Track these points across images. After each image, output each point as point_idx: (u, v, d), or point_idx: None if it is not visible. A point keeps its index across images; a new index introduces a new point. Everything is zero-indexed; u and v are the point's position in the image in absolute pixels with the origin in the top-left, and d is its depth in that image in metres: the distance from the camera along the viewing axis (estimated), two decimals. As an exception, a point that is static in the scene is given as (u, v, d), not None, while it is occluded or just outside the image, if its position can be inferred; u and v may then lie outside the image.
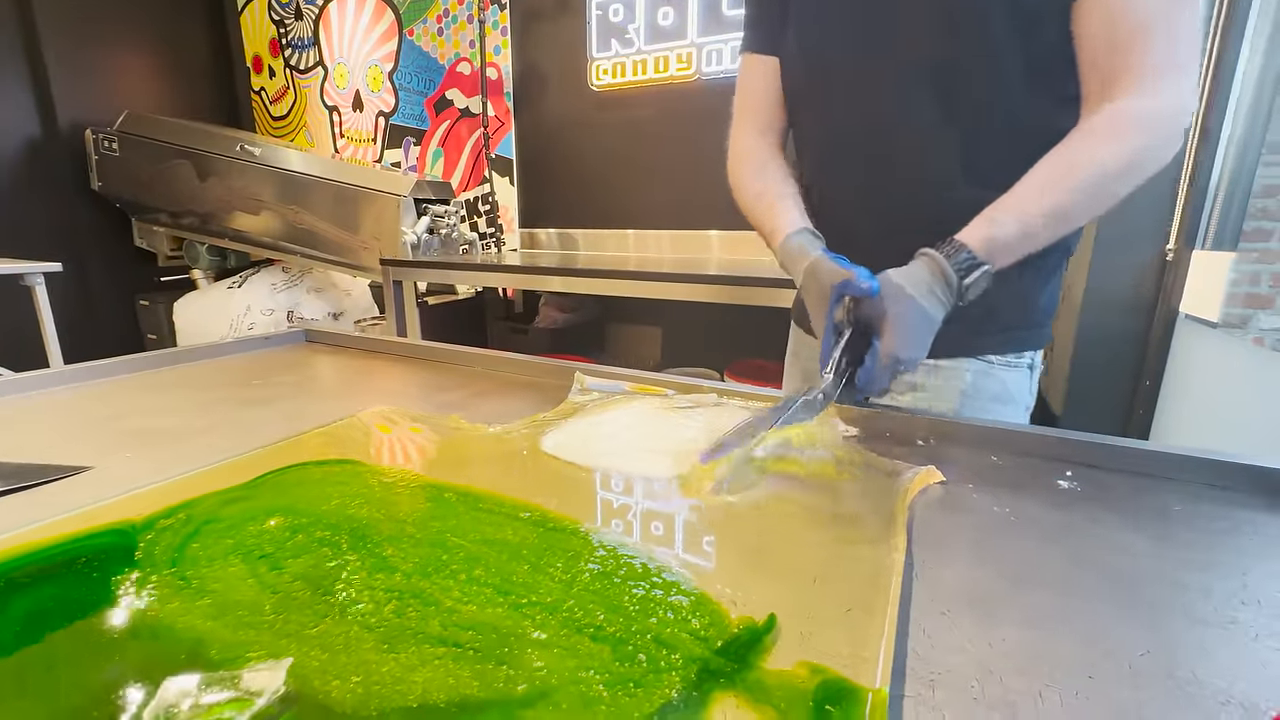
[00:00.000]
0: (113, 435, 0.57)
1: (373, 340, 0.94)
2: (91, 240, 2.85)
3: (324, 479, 0.44)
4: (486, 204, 2.61)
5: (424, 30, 2.66)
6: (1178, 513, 0.43)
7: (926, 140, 0.61)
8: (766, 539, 0.37)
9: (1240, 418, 1.05)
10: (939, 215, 0.57)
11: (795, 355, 0.81)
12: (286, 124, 3.20)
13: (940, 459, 0.50)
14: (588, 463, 0.46)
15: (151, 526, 0.37)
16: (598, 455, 0.48)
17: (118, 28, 2.86)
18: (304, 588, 0.31)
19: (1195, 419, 1.20)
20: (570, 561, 0.33)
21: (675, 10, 2.14)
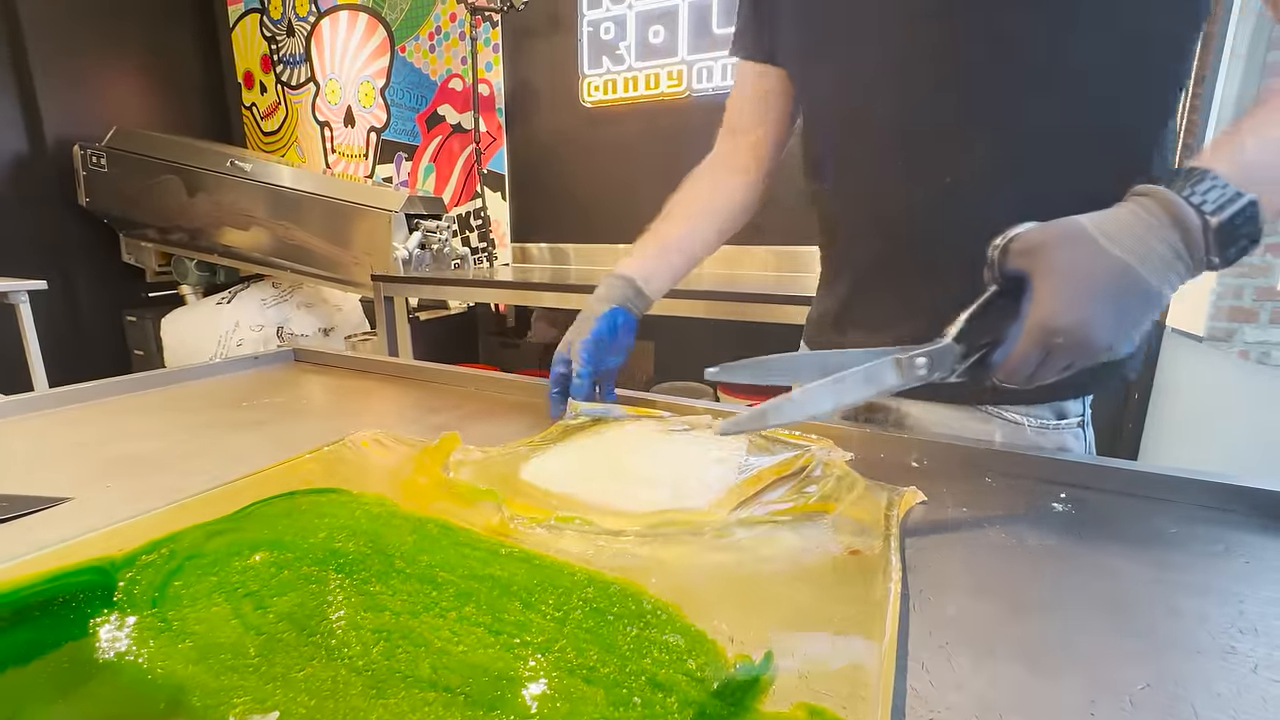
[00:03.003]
0: (95, 463, 0.56)
1: (362, 360, 0.93)
2: (78, 256, 2.82)
3: (311, 509, 0.43)
4: (478, 219, 2.61)
5: (416, 47, 2.67)
6: (1172, 535, 0.43)
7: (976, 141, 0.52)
8: (761, 570, 0.36)
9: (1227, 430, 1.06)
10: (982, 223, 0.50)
11: None
12: (278, 139, 3.20)
13: (934, 481, 0.50)
14: (577, 493, 0.46)
15: (132, 563, 0.36)
16: (588, 485, 0.47)
17: (107, 43, 2.86)
18: (289, 628, 0.30)
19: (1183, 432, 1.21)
20: (562, 598, 0.32)
21: (666, 28, 2.16)
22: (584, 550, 0.38)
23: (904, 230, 0.59)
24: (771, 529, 0.41)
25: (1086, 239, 0.36)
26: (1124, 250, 0.36)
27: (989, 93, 0.52)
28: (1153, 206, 0.37)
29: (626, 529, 0.41)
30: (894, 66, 0.55)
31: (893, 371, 0.39)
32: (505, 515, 0.42)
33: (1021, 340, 0.37)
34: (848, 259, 0.66)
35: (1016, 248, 0.38)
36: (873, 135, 0.58)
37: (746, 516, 0.42)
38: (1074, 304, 0.35)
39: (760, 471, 0.49)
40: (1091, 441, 0.62)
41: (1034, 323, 0.37)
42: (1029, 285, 0.38)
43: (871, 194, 0.60)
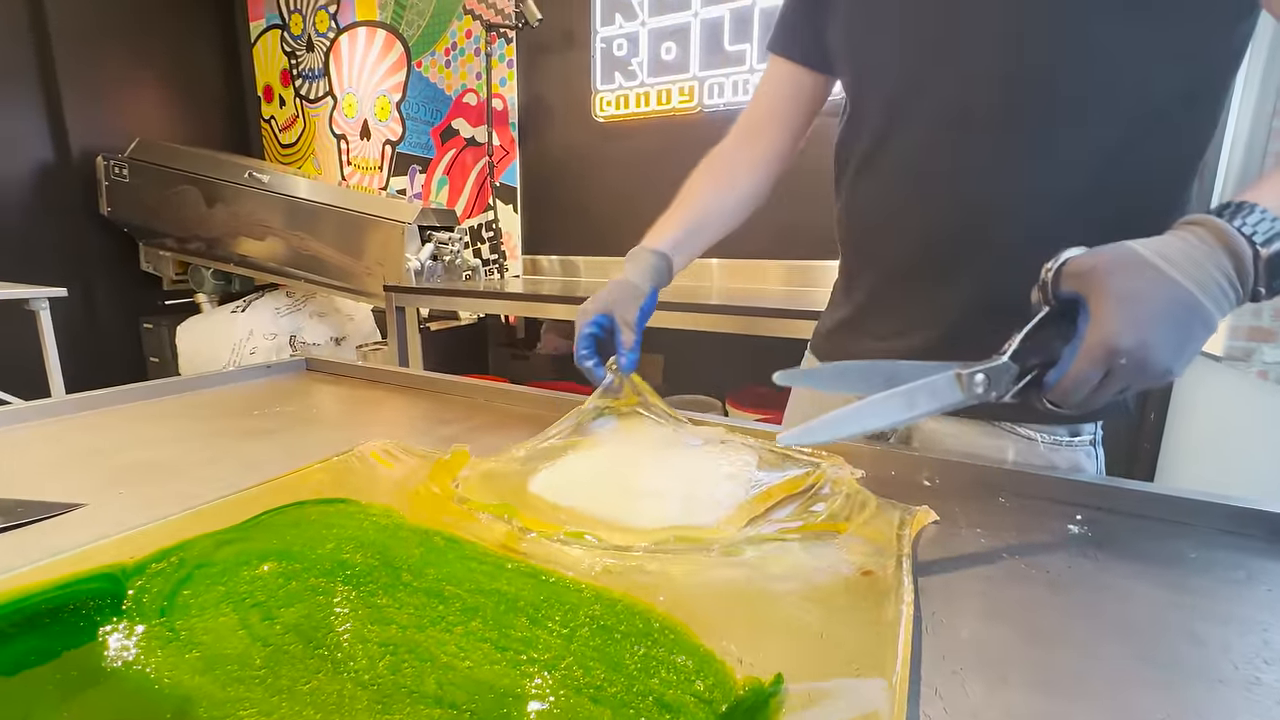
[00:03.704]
0: (108, 469, 0.56)
1: (373, 370, 0.94)
2: (98, 264, 2.88)
3: (319, 519, 0.43)
4: (490, 231, 2.64)
5: (432, 62, 2.72)
6: (1192, 560, 0.42)
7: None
8: (771, 589, 0.36)
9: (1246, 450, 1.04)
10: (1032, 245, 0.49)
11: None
12: (295, 151, 3.25)
13: (946, 500, 0.49)
14: (586, 507, 0.45)
15: (143, 571, 0.36)
16: (597, 499, 0.47)
17: (132, 56, 2.93)
18: (296, 640, 0.30)
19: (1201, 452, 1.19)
20: (569, 614, 0.32)
21: (678, 45, 2.19)
22: (592, 565, 0.38)
23: (941, 227, 0.58)
24: (782, 547, 0.40)
25: (1145, 264, 0.37)
26: (1183, 275, 0.36)
27: (1049, 92, 0.51)
28: (1205, 235, 0.37)
29: (635, 544, 0.40)
30: (954, 50, 0.54)
31: (956, 387, 0.39)
32: (514, 528, 0.42)
33: (1079, 360, 0.37)
34: (874, 260, 0.66)
35: (1070, 270, 0.39)
36: (922, 125, 0.57)
37: (755, 534, 0.41)
38: (1136, 326, 0.36)
39: (770, 488, 0.49)
40: (1102, 460, 0.61)
41: (1095, 343, 0.37)
42: (1084, 308, 0.38)
43: (912, 191, 0.60)
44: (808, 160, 0.74)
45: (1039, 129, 0.52)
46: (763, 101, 0.73)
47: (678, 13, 2.16)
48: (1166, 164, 0.52)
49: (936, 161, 0.57)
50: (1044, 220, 0.54)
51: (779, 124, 0.73)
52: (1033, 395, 0.40)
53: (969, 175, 0.55)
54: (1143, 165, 0.51)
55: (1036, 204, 0.53)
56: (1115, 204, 0.52)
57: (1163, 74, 0.49)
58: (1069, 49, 0.49)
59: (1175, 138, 0.52)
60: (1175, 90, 0.49)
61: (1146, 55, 0.48)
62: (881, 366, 0.41)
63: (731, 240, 0.78)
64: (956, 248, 0.58)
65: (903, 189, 0.60)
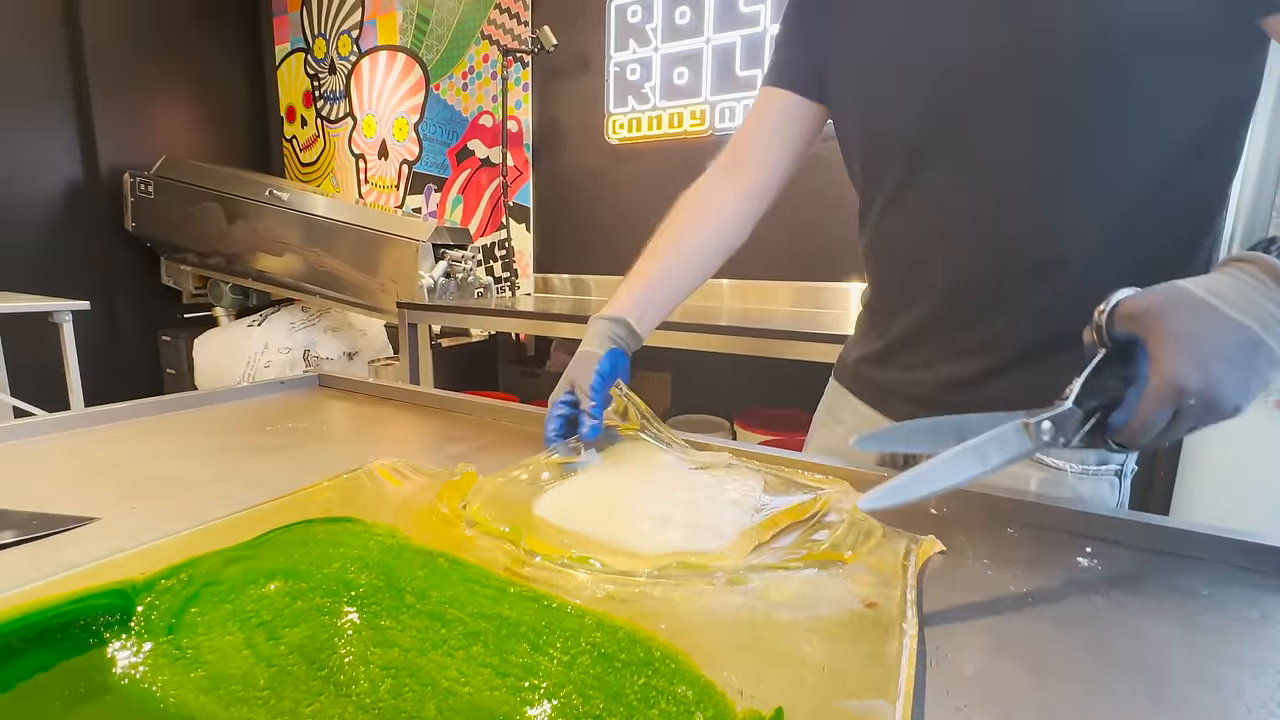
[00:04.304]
0: (123, 483, 0.57)
1: (384, 387, 0.95)
2: (121, 277, 2.94)
3: (326, 538, 0.44)
4: (503, 249, 2.67)
5: (449, 85, 2.79)
6: (1205, 597, 0.41)
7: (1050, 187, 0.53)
8: (774, 619, 0.35)
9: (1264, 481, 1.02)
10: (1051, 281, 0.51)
11: (830, 414, 0.76)
12: (315, 170, 3.33)
13: (953, 529, 0.49)
14: (591, 531, 0.46)
15: (152, 587, 0.36)
16: (602, 523, 0.47)
17: (163, 76, 3.03)
18: (299, 661, 0.31)
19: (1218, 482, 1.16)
20: (570, 641, 0.32)
21: (690, 70, 2.22)
22: (595, 591, 0.38)
23: (969, 267, 0.58)
24: (786, 575, 0.40)
25: (1201, 303, 0.37)
26: (1241, 313, 0.36)
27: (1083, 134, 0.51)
28: (1257, 273, 0.38)
29: (639, 570, 0.40)
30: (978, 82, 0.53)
31: (1024, 437, 0.39)
32: (520, 550, 0.42)
33: (1147, 401, 0.37)
34: (902, 296, 0.64)
35: (1123, 312, 0.39)
36: (944, 172, 0.57)
37: (759, 562, 0.41)
38: (1202, 366, 0.36)
39: (775, 515, 0.48)
40: (1126, 493, 0.60)
41: (1162, 384, 0.36)
42: (1141, 349, 0.38)
43: (939, 233, 0.59)
44: (819, 184, 0.73)
45: (1070, 172, 0.52)
46: (754, 131, 0.72)
47: (690, 39, 2.20)
48: (1198, 197, 0.53)
49: (963, 205, 0.56)
50: (1075, 259, 0.53)
51: (769, 156, 0.71)
52: (1098, 439, 0.40)
53: (997, 218, 0.55)
54: (1177, 199, 0.52)
55: (1068, 243, 0.53)
56: (1151, 238, 0.52)
57: (1194, 109, 0.49)
58: (1106, 89, 0.49)
59: (1206, 170, 0.52)
60: (1204, 124, 0.50)
61: (1179, 91, 0.48)
62: (950, 422, 0.41)
63: (742, 261, 0.77)
64: (985, 287, 0.58)
65: (929, 230, 0.59)
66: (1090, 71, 0.49)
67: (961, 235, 0.57)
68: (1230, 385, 0.36)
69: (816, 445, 0.76)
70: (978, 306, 0.58)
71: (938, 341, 0.62)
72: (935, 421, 0.42)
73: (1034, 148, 0.53)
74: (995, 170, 0.54)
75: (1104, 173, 0.51)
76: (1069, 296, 0.54)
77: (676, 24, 2.22)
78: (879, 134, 0.62)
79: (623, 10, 2.32)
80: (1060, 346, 0.54)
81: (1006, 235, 0.55)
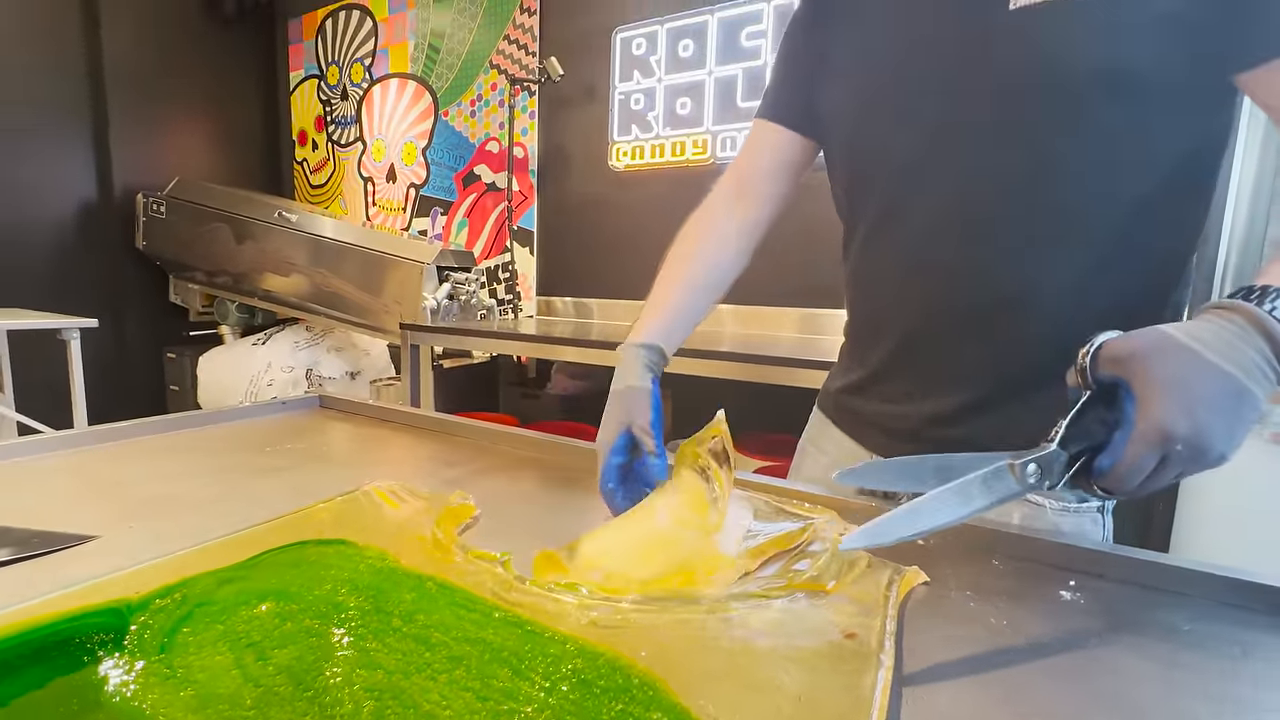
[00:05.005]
0: (124, 502, 0.58)
1: (383, 409, 0.96)
2: (129, 295, 2.99)
3: (318, 560, 0.45)
4: (506, 272, 2.71)
5: (458, 112, 2.85)
6: (1187, 633, 0.41)
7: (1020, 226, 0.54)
8: (754, 647, 0.36)
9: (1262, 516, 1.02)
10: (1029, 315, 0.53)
11: (813, 443, 0.77)
12: (324, 192, 3.39)
13: (938, 561, 0.49)
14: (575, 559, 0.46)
15: (146, 607, 0.37)
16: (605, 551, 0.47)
17: (179, 102, 3.12)
18: (287, 682, 0.31)
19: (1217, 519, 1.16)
20: (551, 667, 0.33)
21: (693, 100, 2.28)
22: (580, 617, 0.39)
23: (947, 301, 0.59)
24: (768, 604, 0.41)
25: (1185, 349, 0.37)
26: (1224, 360, 0.37)
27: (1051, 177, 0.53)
28: (1239, 320, 0.38)
29: (624, 596, 0.41)
30: (954, 137, 0.55)
31: (1010, 478, 0.39)
32: (510, 576, 0.43)
33: (1134, 446, 0.37)
34: (883, 328, 0.65)
35: (1107, 354, 0.39)
36: (923, 208, 0.59)
37: (742, 591, 0.42)
38: (1188, 412, 0.36)
39: (762, 544, 0.49)
40: (1110, 529, 0.61)
41: (1148, 429, 0.36)
42: (1127, 393, 0.38)
43: (917, 268, 0.60)
44: (823, 211, 0.73)
45: (1040, 213, 0.54)
46: (752, 164, 0.73)
47: (693, 70, 2.26)
48: (1167, 241, 0.54)
49: (939, 242, 0.58)
50: (1047, 296, 0.55)
51: (768, 189, 0.73)
52: (1083, 482, 0.40)
53: (972, 255, 0.57)
54: (1146, 245, 0.53)
55: (1042, 280, 0.55)
56: (1120, 281, 0.54)
57: (1162, 157, 0.51)
58: (1075, 136, 0.51)
59: (1174, 215, 0.53)
60: (1172, 171, 0.51)
61: (1147, 140, 0.50)
62: (932, 461, 0.41)
63: (746, 286, 0.77)
64: (959, 322, 0.59)
65: (909, 265, 0.61)
66: (1060, 119, 0.51)
67: (937, 270, 0.59)
68: (1217, 432, 0.36)
69: (800, 475, 0.77)
70: (953, 340, 0.60)
71: (915, 374, 0.63)
72: (918, 460, 0.43)
73: (1006, 191, 0.55)
74: (970, 210, 0.56)
75: (1073, 215, 0.53)
76: (1042, 333, 0.55)
77: (680, 56, 2.29)
78: (862, 172, 0.64)
79: (628, 43, 2.39)
80: (1035, 383, 0.56)
81: (980, 272, 0.57)
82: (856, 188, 0.66)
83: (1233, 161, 1.26)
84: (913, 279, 0.61)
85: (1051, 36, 0.50)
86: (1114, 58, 0.48)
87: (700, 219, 0.75)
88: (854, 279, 0.69)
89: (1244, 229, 1.24)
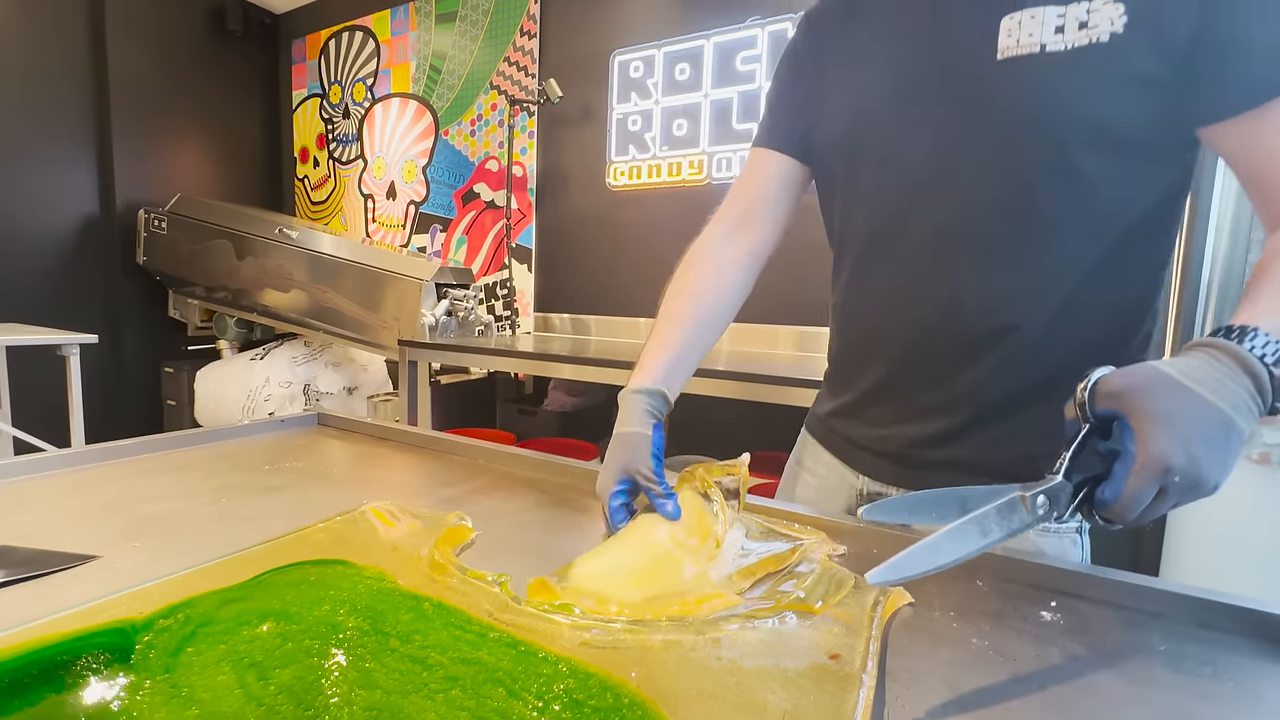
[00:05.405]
0: (122, 521, 0.59)
1: (381, 427, 0.97)
2: (128, 309, 3.00)
3: (318, 580, 0.46)
4: (504, 288, 2.73)
5: (458, 131, 2.90)
6: (1161, 653, 0.43)
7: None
8: (741, 667, 0.37)
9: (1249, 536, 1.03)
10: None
11: (800, 464, 0.78)
12: (324, 208, 3.42)
13: (924, 582, 0.50)
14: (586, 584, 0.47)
15: (150, 626, 0.38)
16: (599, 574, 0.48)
17: (183, 119, 3.16)
18: (288, 701, 0.32)
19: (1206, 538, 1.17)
20: (544, 687, 0.34)
21: (689, 121, 2.32)
22: (573, 638, 0.40)
23: (932, 330, 0.61)
24: (756, 625, 0.42)
25: (1179, 385, 0.39)
26: (1215, 396, 0.39)
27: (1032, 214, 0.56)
28: (1224, 357, 0.41)
29: (616, 618, 0.42)
30: (942, 165, 0.58)
31: (1021, 510, 0.40)
32: (506, 597, 0.44)
33: (1135, 478, 0.39)
34: (869, 356, 0.68)
35: (1104, 390, 0.41)
36: (912, 240, 0.61)
37: (731, 613, 0.43)
38: (1185, 445, 0.38)
39: (752, 565, 0.50)
40: (1088, 549, 0.62)
41: (1149, 461, 0.38)
42: (1124, 426, 0.40)
43: (903, 298, 0.63)
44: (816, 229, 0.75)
45: (1023, 251, 0.57)
46: (752, 193, 0.74)
47: (689, 93, 2.31)
48: (1138, 278, 0.58)
49: (926, 273, 0.61)
50: (1026, 327, 0.58)
51: (771, 214, 0.74)
52: (1085, 511, 0.42)
53: (957, 286, 0.60)
54: (1119, 280, 0.57)
55: (1020, 313, 0.58)
56: (1096, 315, 0.57)
57: (1136, 201, 0.54)
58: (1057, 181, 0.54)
59: (1145, 255, 0.57)
60: (1144, 214, 0.55)
61: (1123, 185, 0.54)
62: (954, 494, 0.43)
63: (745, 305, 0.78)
64: (943, 349, 0.61)
65: (896, 294, 0.63)
66: (1043, 164, 0.54)
67: (923, 300, 0.62)
68: (1212, 464, 0.39)
69: (789, 495, 0.78)
70: (938, 367, 0.62)
71: (902, 399, 0.65)
72: (939, 493, 0.44)
73: (992, 228, 0.58)
74: (957, 244, 0.59)
75: (1055, 252, 0.56)
76: (1021, 362, 0.58)
77: (676, 79, 2.33)
78: (852, 204, 0.67)
79: (625, 65, 2.44)
80: (1016, 407, 0.59)
81: (965, 303, 0.60)
82: (847, 218, 0.68)
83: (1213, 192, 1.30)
84: (899, 308, 0.63)
85: (1035, 88, 0.53)
86: (1093, 110, 0.52)
87: (703, 248, 0.75)
88: (844, 305, 0.71)
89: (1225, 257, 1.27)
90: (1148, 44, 0.49)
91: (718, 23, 2.23)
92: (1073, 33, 0.51)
